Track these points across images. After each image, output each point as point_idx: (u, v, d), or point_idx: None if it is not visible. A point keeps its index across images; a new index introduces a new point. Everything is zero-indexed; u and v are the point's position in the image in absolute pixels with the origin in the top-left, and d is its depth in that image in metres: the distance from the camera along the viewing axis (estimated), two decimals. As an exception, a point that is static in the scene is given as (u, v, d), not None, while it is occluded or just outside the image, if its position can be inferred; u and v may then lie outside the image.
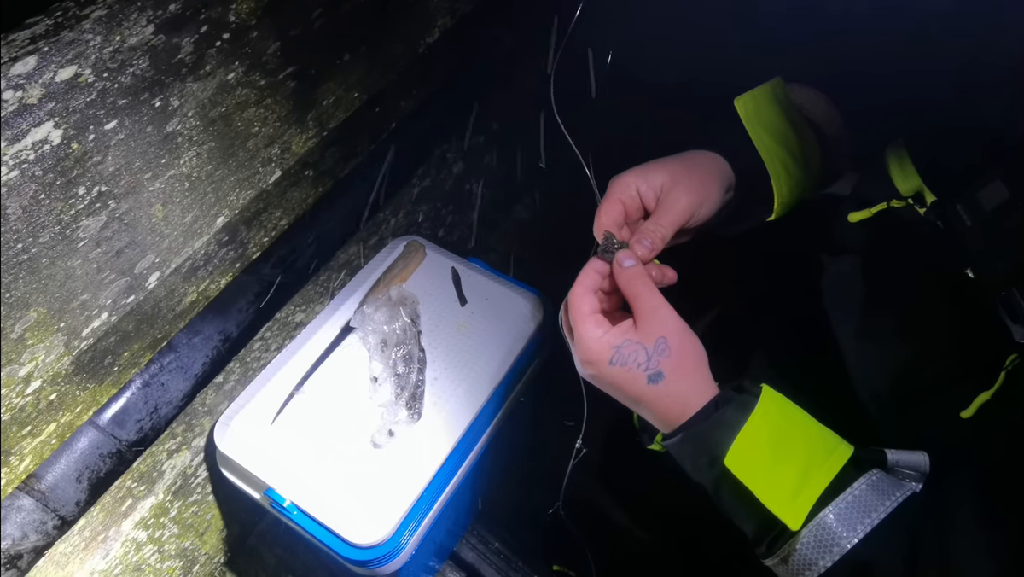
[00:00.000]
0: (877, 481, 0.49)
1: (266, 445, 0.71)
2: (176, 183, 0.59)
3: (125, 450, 0.73)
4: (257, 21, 0.59)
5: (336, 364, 0.77)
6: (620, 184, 0.59)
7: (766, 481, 0.49)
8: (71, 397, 0.58)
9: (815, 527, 0.48)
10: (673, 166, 0.60)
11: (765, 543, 0.50)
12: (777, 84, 0.66)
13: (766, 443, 0.50)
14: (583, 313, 0.54)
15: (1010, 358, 0.51)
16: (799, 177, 0.65)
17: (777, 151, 0.64)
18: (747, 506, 0.50)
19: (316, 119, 0.71)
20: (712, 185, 0.61)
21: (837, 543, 0.47)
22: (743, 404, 0.51)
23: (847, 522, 0.47)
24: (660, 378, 0.52)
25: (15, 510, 0.65)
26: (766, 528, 0.50)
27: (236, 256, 0.70)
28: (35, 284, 0.51)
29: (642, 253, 0.56)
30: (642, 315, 0.53)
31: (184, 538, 0.79)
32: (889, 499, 0.48)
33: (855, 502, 0.48)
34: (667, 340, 0.52)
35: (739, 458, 0.50)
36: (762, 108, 0.64)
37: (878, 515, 0.47)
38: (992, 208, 0.50)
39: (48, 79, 0.46)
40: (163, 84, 0.54)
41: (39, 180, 0.48)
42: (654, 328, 0.52)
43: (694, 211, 0.59)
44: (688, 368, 0.53)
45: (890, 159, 0.59)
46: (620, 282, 0.55)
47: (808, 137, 0.66)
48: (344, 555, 0.67)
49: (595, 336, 0.53)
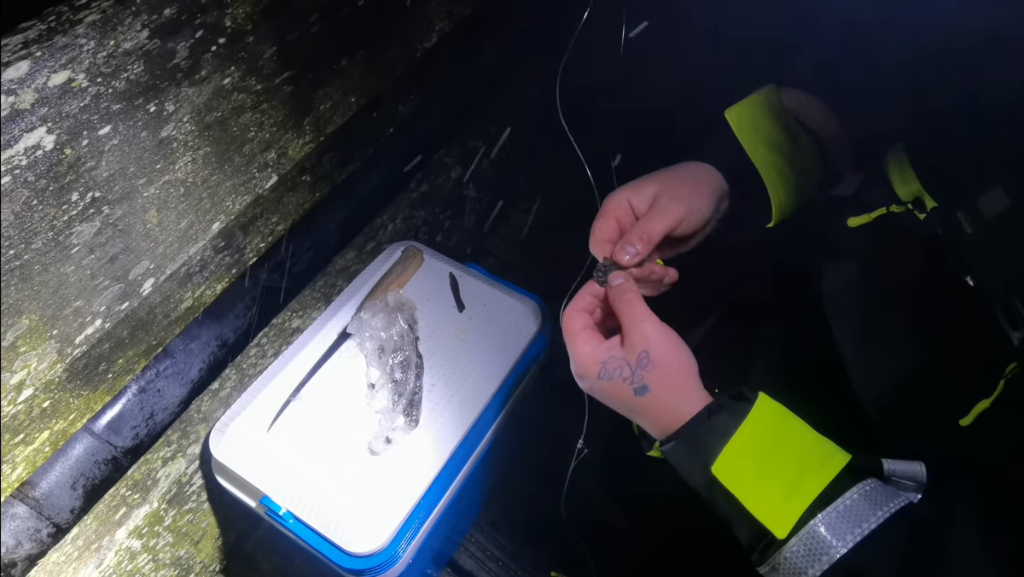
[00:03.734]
0: (871, 491, 0.49)
1: (262, 452, 0.70)
2: (171, 188, 0.58)
3: (121, 457, 0.72)
4: (253, 26, 0.59)
5: (333, 370, 0.76)
6: (613, 200, 0.61)
7: (754, 489, 0.49)
8: (64, 405, 0.58)
9: (805, 536, 0.47)
10: (663, 176, 0.62)
11: (757, 551, 0.50)
12: (770, 91, 0.66)
13: (758, 451, 0.50)
14: (573, 331, 0.57)
15: (1010, 366, 0.51)
16: (797, 182, 0.65)
17: (772, 159, 0.64)
18: (738, 514, 0.50)
19: (313, 124, 0.70)
20: (703, 193, 0.62)
21: (826, 552, 0.47)
22: (737, 411, 0.51)
23: (837, 532, 0.47)
24: (646, 391, 0.53)
25: (9, 518, 0.65)
26: (757, 536, 0.50)
27: (232, 262, 0.70)
28: (28, 291, 0.50)
29: (627, 261, 0.58)
30: (625, 330, 0.55)
31: (179, 547, 0.78)
32: (882, 509, 0.47)
33: (846, 512, 0.47)
34: (649, 354, 0.53)
35: (727, 466, 0.50)
36: (755, 117, 0.65)
37: (869, 525, 0.47)
38: (993, 216, 0.50)
39: (41, 84, 0.46)
40: (158, 89, 0.54)
41: (32, 186, 0.48)
42: (636, 343, 0.54)
43: (683, 216, 0.59)
44: (672, 379, 0.54)
45: (890, 164, 0.59)
46: (609, 299, 0.58)
47: (804, 141, 0.66)
48: (340, 564, 0.66)
49: (584, 352, 0.56)
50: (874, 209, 0.60)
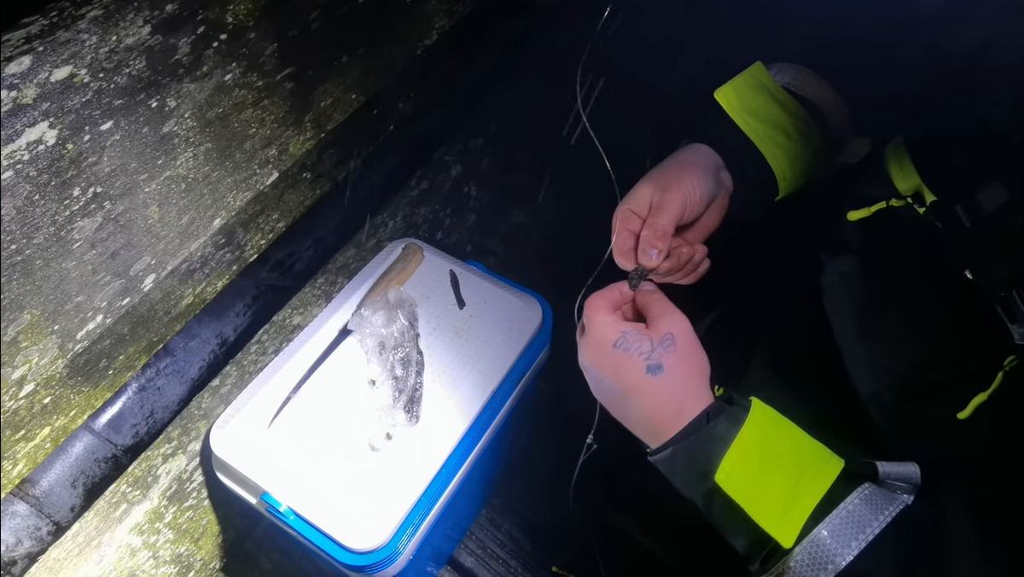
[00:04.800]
0: (870, 495, 0.48)
1: (263, 449, 0.70)
2: (172, 184, 0.58)
3: (120, 455, 0.72)
4: (255, 22, 0.59)
5: (334, 367, 0.77)
6: (618, 216, 0.61)
7: (757, 498, 0.49)
8: (65, 401, 0.58)
9: (809, 544, 0.47)
10: (652, 175, 0.62)
11: (758, 560, 0.50)
12: (757, 69, 0.67)
13: (756, 458, 0.50)
14: (597, 305, 0.56)
15: (1008, 359, 0.51)
16: (797, 152, 0.66)
17: (768, 132, 0.65)
18: (739, 523, 0.49)
19: (314, 121, 0.70)
20: (690, 173, 0.61)
21: (832, 560, 0.46)
22: (734, 417, 0.51)
23: (841, 538, 0.47)
24: (659, 370, 0.52)
25: (9, 516, 0.65)
26: (759, 545, 0.49)
27: (233, 258, 0.70)
28: (29, 286, 0.50)
29: (652, 262, 0.58)
30: (654, 316, 0.55)
31: (179, 544, 0.78)
32: (883, 513, 0.47)
33: (848, 518, 0.47)
34: (674, 337, 0.53)
35: (730, 474, 0.49)
36: (744, 95, 0.65)
37: (872, 530, 0.46)
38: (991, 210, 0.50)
39: (43, 79, 0.46)
40: (159, 85, 0.54)
41: (33, 181, 0.48)
42: (663, 326, 0.54)
43: (683, 200, 0.60)
44: (691, 368, 0.53)
45: (889, 158, 0.59)
46: (637, 301, 0.58)
47: (800, 113, 0.66)
48: (341, 560, 0.66)
49: (606, 320, 0.55)
50: (874, 203, 0.60)
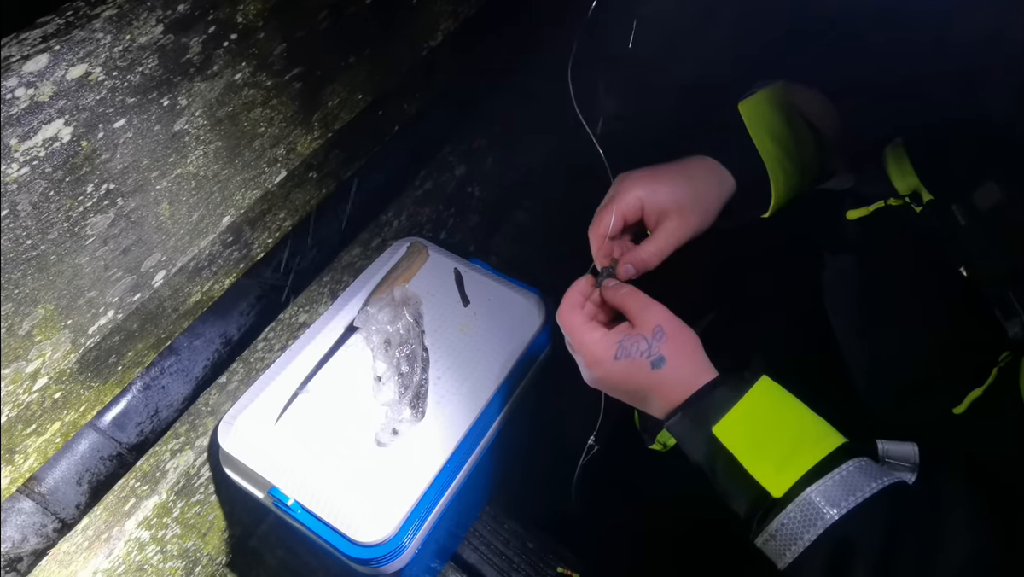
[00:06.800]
0: (866, 466, 0.50)
1: (270, 444, 0.71)
2: (183, 182, 0.59)
3: (125, 453, 0.73)
4: (264, 22, 0.60)
5: (340, 364, 0.77)
6: (626, 196, 0.61)
7: (753, 451, 0.51)
8: (76, 395, 0.58)
9: (802, 502, 0.49)
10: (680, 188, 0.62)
11: (755, 520, 0.51)
12: (780, 87, 0.68)
13: (758, 420, 0.52)
14: (577, 324, 0.58)
15: (1003, 355, 0.52)
16: (795, 178, 0.67)
17: (777, 154, 0.66)
18: (738, 481, 0.51)
19: (321, 120, 0.71)
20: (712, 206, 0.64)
21: (821, 517, 0.48)
22: (739, 385, 0.53)
23: (832, 499, 0.48)
24: (663, 362, 0.54)
25: (15, 512, 0.65)
26: (756, 502, 0.51)
27: (240, 256, 0.70)
28: (43, 281, 0.51)
29: (624, 276, 0.61)
30: (635, 313, 0.57)
31: (186, 538, 0.79)
32: (876, 481, 0.48)
33: (842, 481, 0.49)
34: (662, 328, 0.55)
35: (728, 429, 0.51)
36: (764, 112, 0.66)
37: (863, 493, 0.48)
38: (987, 208, 0.51)
39: (59, 77, 0.47)
40: (171, 83, 0.54)
41: (49, 177, 0.48)
42: (648, 320, 0.56)
43: (691, 237, 0.62)
44: (687, 350, 0.55)
45: (888, 157, 0.60)
46: (607, 298, 0.60)
47: (806, 138, 0.67)
48: (347, 553, 0.67)
49: (596, 338, 0.57)
50: (872, 202, 0.61)
